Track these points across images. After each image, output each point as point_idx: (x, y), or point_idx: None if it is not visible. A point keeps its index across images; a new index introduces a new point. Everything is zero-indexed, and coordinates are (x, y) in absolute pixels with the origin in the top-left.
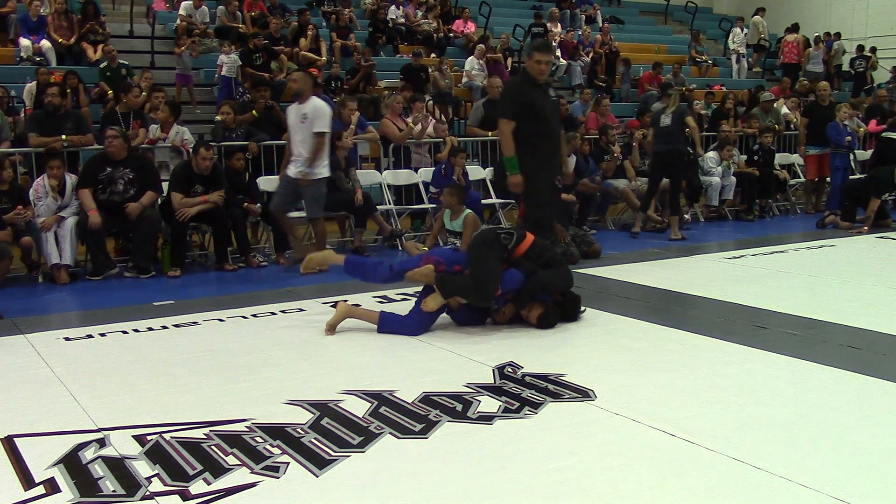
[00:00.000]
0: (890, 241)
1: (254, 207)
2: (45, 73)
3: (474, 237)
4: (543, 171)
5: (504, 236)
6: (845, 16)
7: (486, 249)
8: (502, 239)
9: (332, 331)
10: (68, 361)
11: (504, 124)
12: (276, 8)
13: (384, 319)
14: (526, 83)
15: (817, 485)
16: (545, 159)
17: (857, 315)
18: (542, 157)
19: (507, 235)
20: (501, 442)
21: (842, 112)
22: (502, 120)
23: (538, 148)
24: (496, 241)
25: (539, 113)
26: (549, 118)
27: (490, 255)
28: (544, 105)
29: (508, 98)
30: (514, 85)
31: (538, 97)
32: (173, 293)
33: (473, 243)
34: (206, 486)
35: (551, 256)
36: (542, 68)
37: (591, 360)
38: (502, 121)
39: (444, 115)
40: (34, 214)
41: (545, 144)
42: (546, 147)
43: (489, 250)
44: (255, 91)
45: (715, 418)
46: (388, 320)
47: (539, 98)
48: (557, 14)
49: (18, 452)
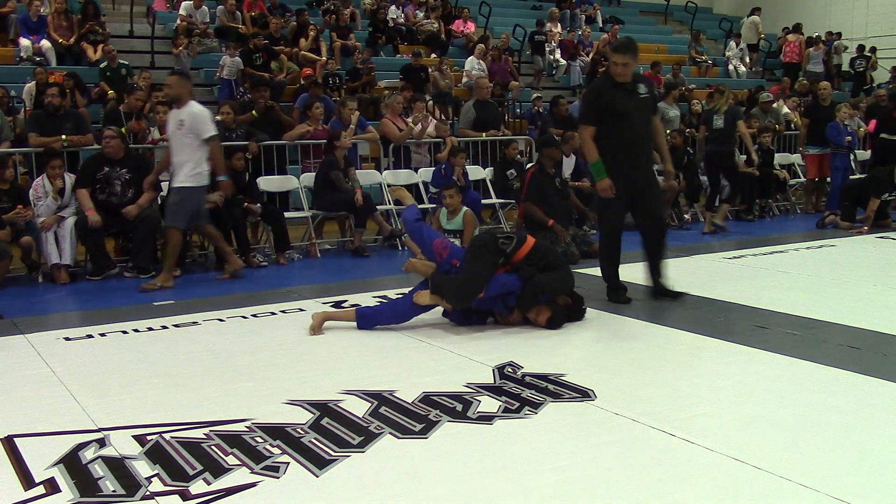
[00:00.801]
0: (890, 241)
1: (254, 207)
2: (43, 73)
3: (473, 239)
4: (621, 177)
5: (503, 241)
6: (845, 16)
7: (481, 252)
8: (500, 244)
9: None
10: (68, 361)
11: (583, 129)
12: (277, 8)
13: (362, 315)
14: (607, 85)
15: (817, 485)
16: (624, 163)
17: (857, 315)
18: (621, 160)
19: (505, 240)
20: (501, 442)
21: (842, 112)
22: (581, 125)
23: (616, 152)
24: (494, 244)
25: (620, 115)
26: (633, 120)
27: (482, 259)
28: (625, 106)
29: (586, 102)
30: (593, 87)
31: (619, 99)
32: (173, 293)
33: (471, 245)
34: (206, 486)
35: (552, 259)
36: (620, 70)
37: (591, 360)
38: (582, 126)
39: (444, 115)
40: (34, 214)
41: (625, 148)
42: (625, 150)
43: (484, 253)
44: (255, 91)
45: (715, 418)
46: (367, 315)
47: (620, 99)
48: (557, 14)
49: (18, 452)
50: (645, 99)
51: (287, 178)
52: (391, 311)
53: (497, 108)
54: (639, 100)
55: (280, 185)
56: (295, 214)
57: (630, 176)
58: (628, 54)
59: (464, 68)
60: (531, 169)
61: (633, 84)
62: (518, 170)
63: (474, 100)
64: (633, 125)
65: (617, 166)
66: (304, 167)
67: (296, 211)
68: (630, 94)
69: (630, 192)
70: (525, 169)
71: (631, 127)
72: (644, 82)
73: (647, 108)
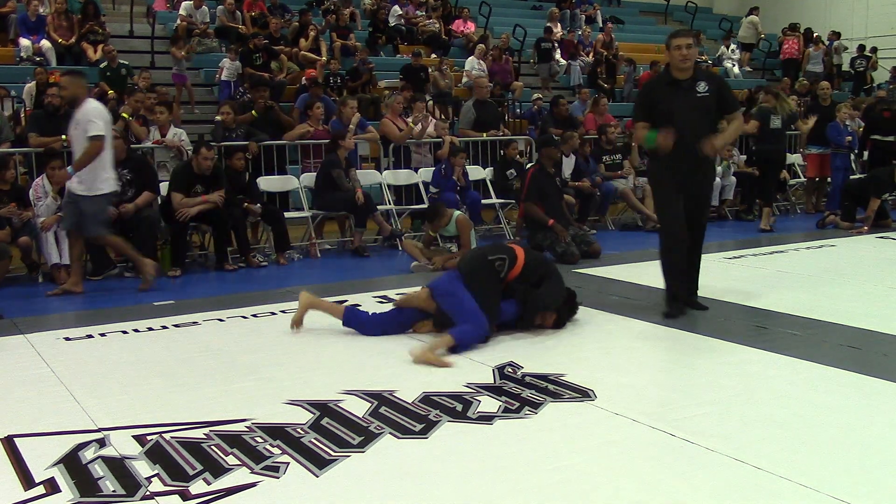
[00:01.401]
0: (890, 241)
1: (254, 207)
2: (43, 73)
3: (468, 265)
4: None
5: (497, 263)
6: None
7: (485, 282)
8: (496, 267)
9: (299, 326)
10: (68, 361)
11: (635, 126)
12: (277, 8)
13: (349, 314)
14: (661, 80)
15: (817, 485)
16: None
17: (857, 315)
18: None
19: (500, 262)
20: (501, 442)
21: (842, 112)
22: (633, 122)
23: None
24: (491, 269)
25: (666, 115)
26: (683, 121)
27: (488, 289)
28: (673, 106)
29: (637, 100)
30: (646, 83)
31: (667, 97)
32: (173, 293)
33: (469, 273)
34: (206, 486)
35: (544, 271)
36: (683, 53)
37: (591, 360)
38: (634, 123)
39: (444, 115)
40: (34, 214)
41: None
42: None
43: (487, 282)
44: (255, 91)
45: (715, 418)
46: (354, 316)
47: (669, 98)
48: (557, 14)
49: (18, 452)
50: (704, 98)
51: (287, 178)
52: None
53: (497, 108)
54: (695, 99)
55: (280, 185)
56: (295, 214)
57: (681, 182)
58: (689, 36)
59: (464, 68)
60: (531, 169)
61: (691, 81)
62: (518, 170)
63: (474, 100)
64: (682, 127)
65: (668, 169)
66: (304, 167)
67: (296, 211)
68: (686, 93)
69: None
70: (525, 169)
71: (679, 129)
72: (707, 79)
73: (706, 109)
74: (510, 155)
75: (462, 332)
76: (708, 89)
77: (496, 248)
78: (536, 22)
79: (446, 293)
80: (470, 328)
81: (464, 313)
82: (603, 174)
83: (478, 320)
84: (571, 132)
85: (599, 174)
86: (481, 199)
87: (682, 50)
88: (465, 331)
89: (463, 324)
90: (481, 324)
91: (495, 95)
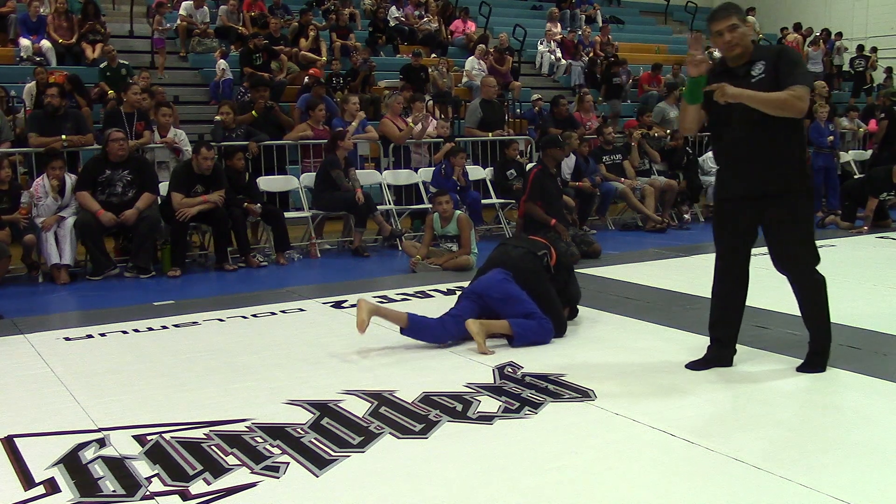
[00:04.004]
0: (890, 241)
1: (254, 207)
2: (43, 73)
3: (523, 269)
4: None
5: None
6: (845, 16)
7: (546, 281)
8: (545, 262)
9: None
10: (68, 361)
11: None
12: (278, 8)
13: (413, 321)
14: (713, 71)
15: (817, 485)
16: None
17: (858, 315)
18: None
19: (542, 254)
20: (501, 442)
21: (819, 113)
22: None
23: (721, 150)
24: (541, 263)
25: (724, 111)
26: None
27: (551, 287)
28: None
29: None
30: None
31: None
32: (173, 293)
33: (527, 276)
34: (206, 486)
35: (568, 263)
36: (725, 40)
37: (591, 360)
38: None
39: (444, 115)
40: (29, 213)
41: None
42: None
43: (547, 280)
44: (255, 91)
45: (715, 418)
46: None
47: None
48: (557, 14)
49: (18, 452)
50: (759, 83)
51: (287, 178)
52: (440, 330)
53: (501, 108)
54: (749, 87)
55: (280, 185)
56: (295, 214)
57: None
58: (727, 17)
59: (464, 68)
60: (534, 169)
61: (746, 66)
62: (518, 170)
63: (480, 99)
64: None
65: (725, 167)
66: (304, 167)
67: (296, 211)
68: (740, 82)
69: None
70: (528, 169)
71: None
72: (766, 58)
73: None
74: (510, 155)
75: (522, 328)
76: (763, 70)
77: (533, 243)
78: (536, 22)
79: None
80: (534, 326)
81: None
82: (603, 174)
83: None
84: (570, 132)
85: (600, 174)
86: (481, 198)
87: (723, 37)
88: (527, 329)
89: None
90: (547, 328)
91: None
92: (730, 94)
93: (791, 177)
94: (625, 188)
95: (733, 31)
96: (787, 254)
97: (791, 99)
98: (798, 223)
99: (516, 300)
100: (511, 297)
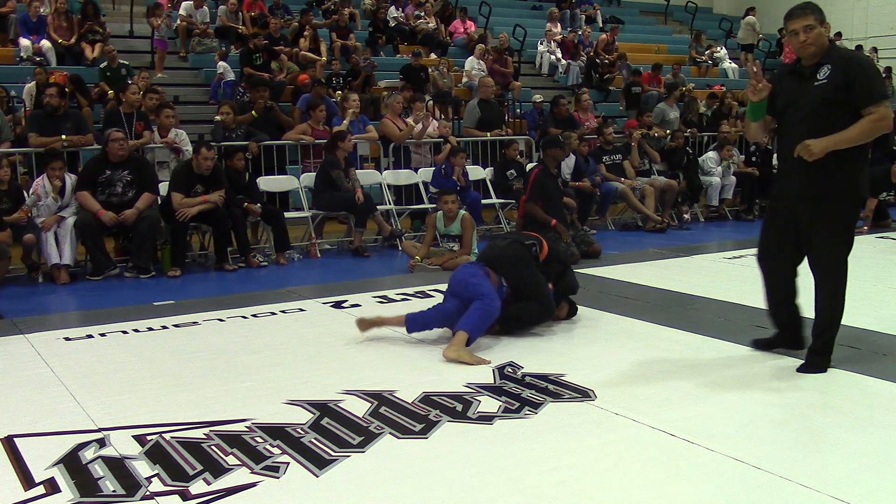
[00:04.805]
0: (890, 241)
1: (254, 207)
2: (42, 73)
3: (508, 255)
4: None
5: (531, 246)
6: (845, 16)
7: (533, 267)
8: (533, 251)
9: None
10: (68, 361)
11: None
12: (278, 8)
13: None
14: (786, 69)
15: (818, 485)
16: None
17: (857, 315)
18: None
19: (530, 245)
20: (501, 442)
21: None
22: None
23: (783, 152)
24: (530, 253)
25: (783, 108)
26: (797, 117)
27: (538, 273)
28: (788, 99)
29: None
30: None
31: (787, 88)
32: (173, 293)
33: (513, 263)
34: (206, 486)
35: (564, 257)
36: (801, 39)
37: (591, 360)
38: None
39: (444, 115)
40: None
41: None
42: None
43: (534, 266)
44: (255, 91)
45: (715, 418)
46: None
47: (789, 90)
48: (557, 14)
49: (18, 452)
50: (820, 88)
51: (287, 178)
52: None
53: (499, 108)
54: (811, 90)
55: (280, 185)
56: (295, 214)
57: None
58: (804, 16)
59: (464, 68)
60: (535, 169)
61: (814, 68)
62: (518, 170)
63: (478, 99)
64: (795, 125)
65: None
66: (304, 167)
67: (296, 211)
68: (805, 83)
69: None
70: (528, 170)
71: (792, 127)
72: (834, 63)
73: (822, 101)
74: (510, 155)
75: (469, 324)
76: (828, 75)
77: (522, 235)
78: (536, 22)
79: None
80: (474, 314)
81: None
82: (603, 174)
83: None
84: (570, 132)
85: (600, 174)
86: (481, 198)
87: (798, 36)
88: (471, 321)
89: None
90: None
91: (496, 95)
92: (816, 153)
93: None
94: (625, 188)
95: (809, 32)
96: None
97: (872, 125)
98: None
99: (465, 285)
100: (462, 283)
